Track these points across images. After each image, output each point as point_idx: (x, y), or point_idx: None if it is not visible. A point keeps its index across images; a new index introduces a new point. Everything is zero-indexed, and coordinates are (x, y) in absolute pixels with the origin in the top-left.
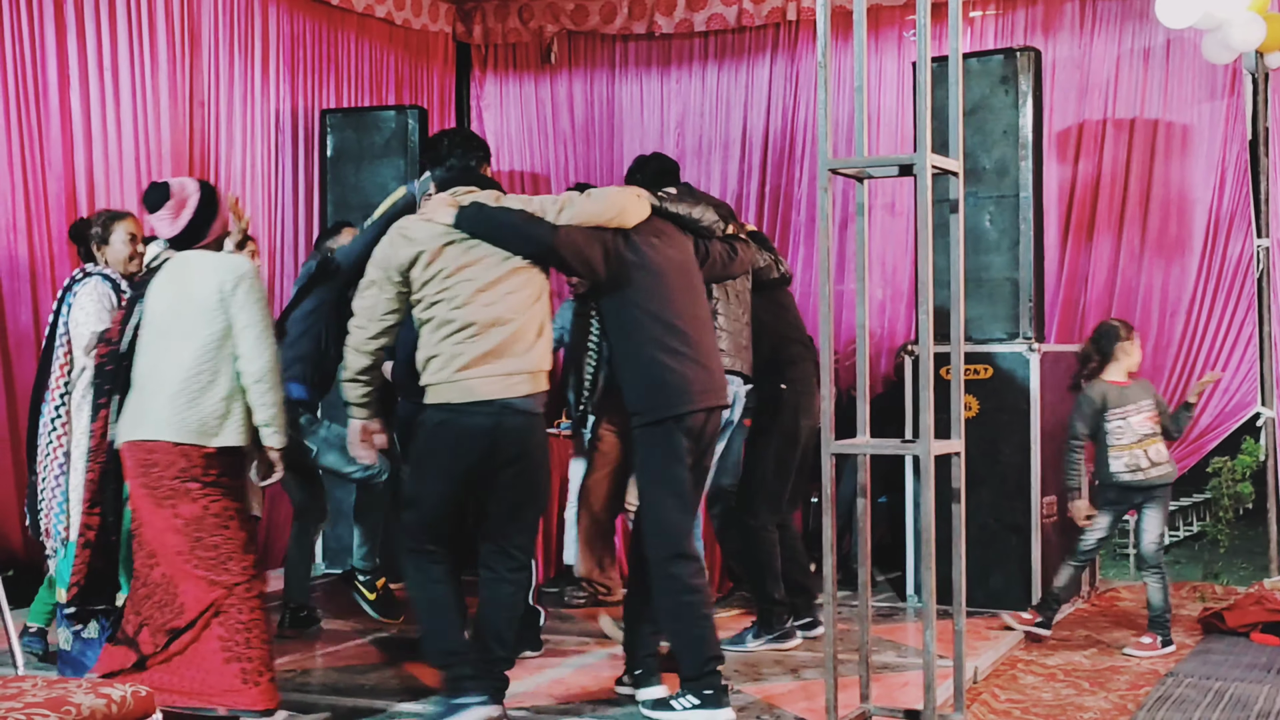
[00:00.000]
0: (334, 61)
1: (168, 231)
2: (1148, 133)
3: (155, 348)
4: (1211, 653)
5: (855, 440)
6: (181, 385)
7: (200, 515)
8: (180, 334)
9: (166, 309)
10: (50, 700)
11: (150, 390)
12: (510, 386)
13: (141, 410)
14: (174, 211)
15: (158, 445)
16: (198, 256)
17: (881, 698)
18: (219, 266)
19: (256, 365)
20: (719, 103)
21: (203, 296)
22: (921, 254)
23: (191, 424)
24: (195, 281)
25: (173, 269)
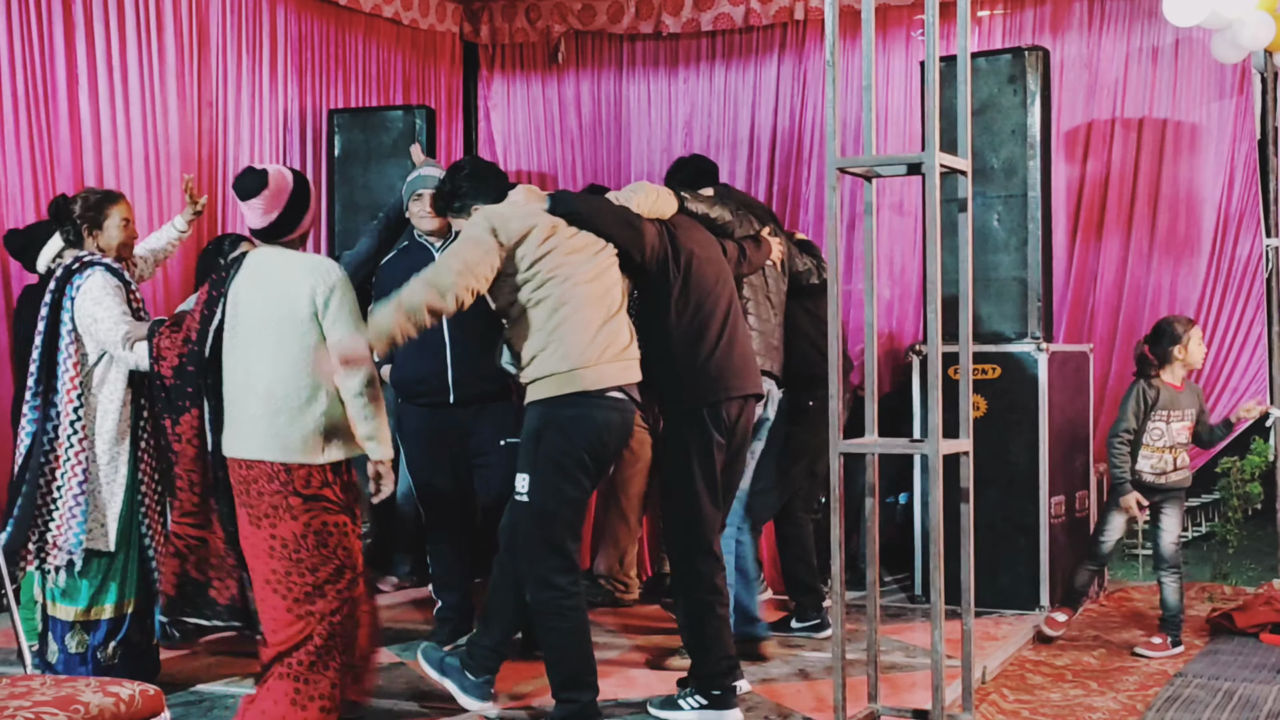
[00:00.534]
0: (342, 62)
1: (258, 223)
2: (1156, 132)
3: (246, 357)
4: (1220, 653)
5: (863, 440)
6: (282, 402)
7: (302, 533)
8: (273, 344)
9: (256, 314)
10: (59, 699)
11: (246, 405)
12: (629, 372)
13: (238, 426)
14: (269, 203)
15: (259, 465)
16: (285, 257)
17: (889, 698)
18: (311, 271)
19: (357, 380)
20: (726, 102)
21: (296, 305)
22: (930, 253)
23: (295, 443)
24: (286, 286)
25: (258, 268)
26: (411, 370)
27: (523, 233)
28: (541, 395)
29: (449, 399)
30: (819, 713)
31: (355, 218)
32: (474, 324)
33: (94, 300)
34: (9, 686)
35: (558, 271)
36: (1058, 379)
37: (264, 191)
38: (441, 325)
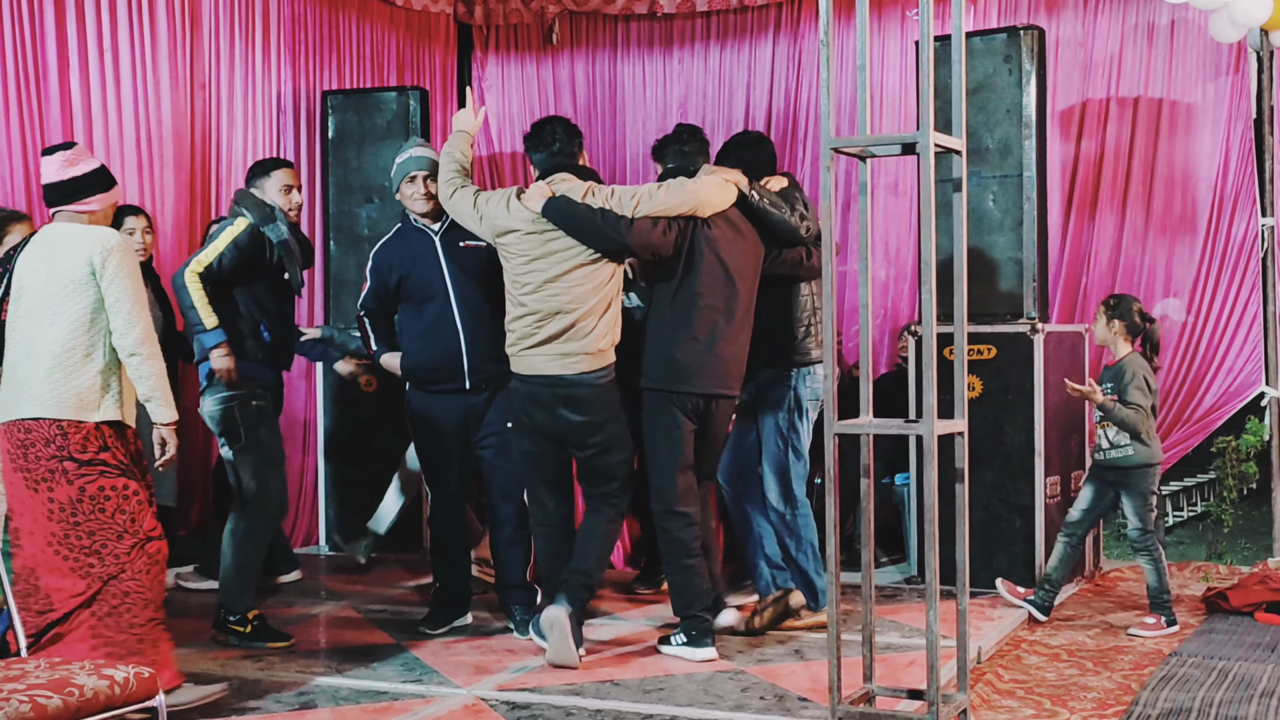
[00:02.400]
0: (335, 43)
1: (51, 176)
2: (1152, 111)
3: (29, 323)
4: (1215, 632)
5: (858, 420)
6: (58, 360)
7: (76, 497)
8: (54, 307)
9: (39, 282)
10: (53, 682)
11: (25, 368)
12: (568, 365)
13: (15, 390)
14: (70, 160)
15: (36, 426)
16: (68, 228)
17: (885, 678)
18: (89, 239)
19: (130, 339)
20: (721, 83)
21: (72, 270)
22: (925, 233)
23: (70, 399)
24: (65, 254)
25: (41, 241)
26: (425, 358)
27: (506, 229)
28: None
29: (464, 385)
30: (814, 693)
31: (349, 199)
32: (484, 309)
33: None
34: (4, 669)
35: (519, 279)
36: (1053, 359)
37: (68, 151)
38: (453, 312)
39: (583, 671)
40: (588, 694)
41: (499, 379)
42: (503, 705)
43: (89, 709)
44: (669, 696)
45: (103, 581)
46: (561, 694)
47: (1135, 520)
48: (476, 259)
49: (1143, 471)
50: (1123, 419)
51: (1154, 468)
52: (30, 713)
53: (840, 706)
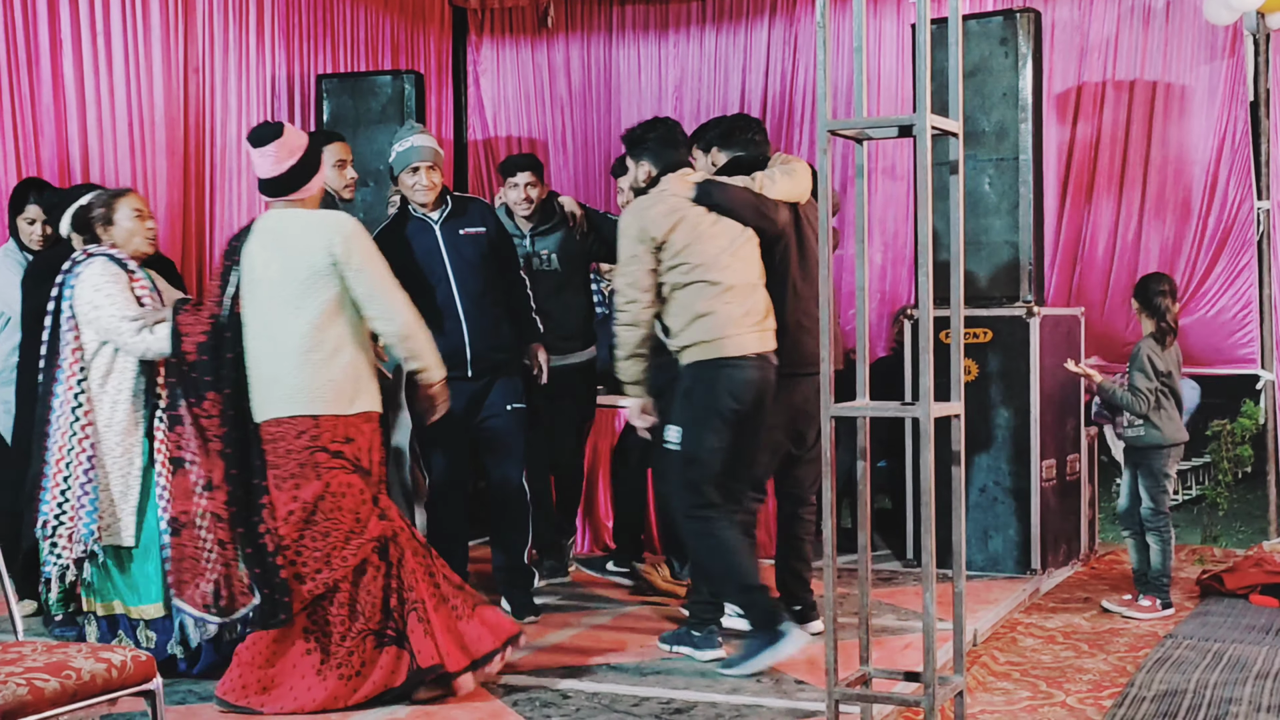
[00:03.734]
0: (329, 26)
1: (269, 171)
2: (1148, 94)
3: (267, 318)
4: (1210, 615)
5: (855, 403)
6: (306, 355)
7: (319, 493)
8: (294, 301)
9: (273, 274)
10: (51, 665)
11: (272, 365)
12: (765, 341)
13: (267, 388)
14: (281, 152)
15: (288, 422)
16: (295, 214)
17: (881, 660)
18: (324, 228)
19: (396, 325)
20: (717, 66)
21: (311, 261)
22: (921, 216)
23: (324, 393)
24: (299, 245)
25: (268, 230)
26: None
27: (670, 227)
28: (690, 358)
29: (466, 373)
30: (811, 675)
31: None
32: (485, 297)
33: (93, 288)
34: (0, 653)
35: (701, 260)
36: (1049, 342)
37: (277, 140)
38: (455, 301)
39: (580, 655)
40: (584, 677)
41: (500, 366)
42: (499, 688)
43: (86, 692)
44: (666, 680)
45: (326, 588)
46: (558, 677)
47: (1147, 499)
48: (477, 246)
49: (1155, 451)
50: (1118, 401)
51: (1166, 449)
52: (28, 695)
53: (837, 689)
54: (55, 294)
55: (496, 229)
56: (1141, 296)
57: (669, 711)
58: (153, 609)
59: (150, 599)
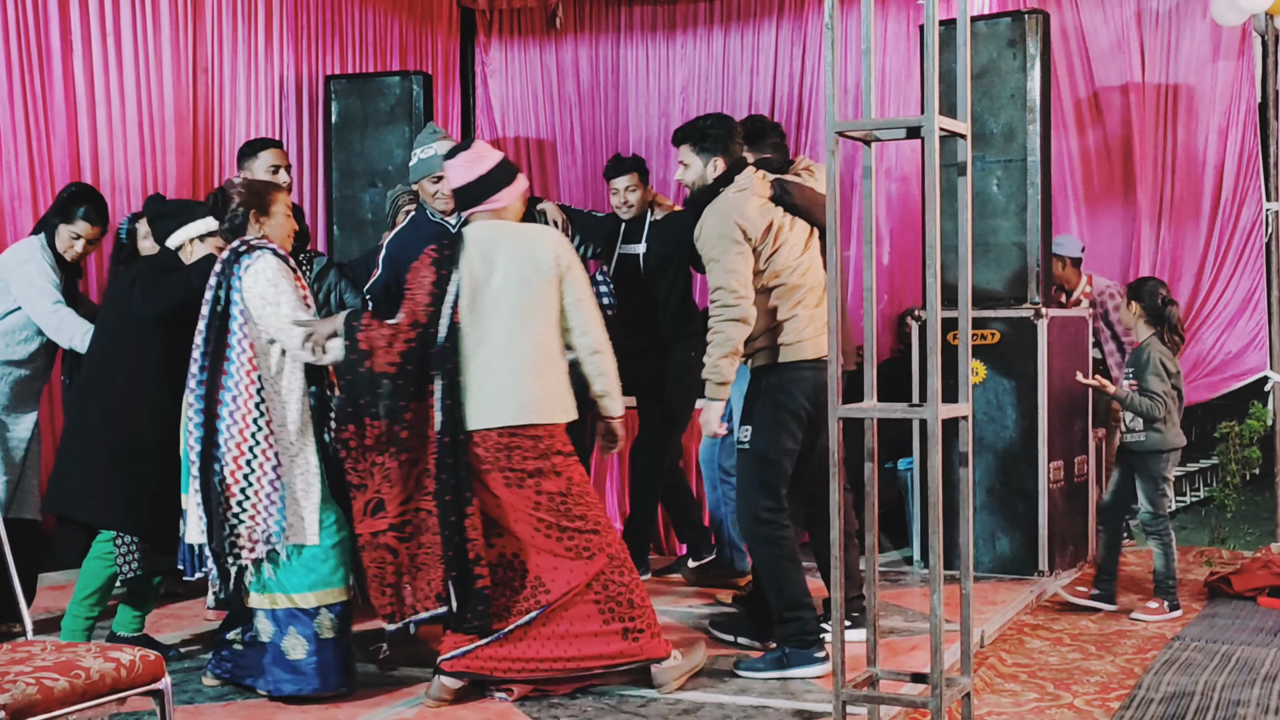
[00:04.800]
0: (338, 27)
1: (461, 179)
2: (1156, 96)
3: (493, 327)
4: (1218, 617)
5: (862, 404)
6: (542, 365)
7: (565, 489)
8: (524, 310)
9: (498, 284)
10: (60, 664)
11: (500, 374)
12: (825, 344)
13: (491, 395)
14: (472, 161)
15: (523, 430)
16: (511, 226)
17: (888, 661)
18: (548, 238)
19: (593, 336)
20: (725, 67)
21: (541, 269)
22: (929, 217)
23: (558, 402)
24: (529, 252)
25: (487, 240)
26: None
27: (766, 226)
28: (769, 361)
29: None
30: (818, 677)
31: (352, 184)
32: None
33: (269, 281)
34: (9, 652)
35: (786, 263)
36: (1057, 344)
37: (467, 151)
38: None
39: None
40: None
41: None
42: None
43: (95, 691)
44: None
45: (609, 558)
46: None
47: (1146, 504)
48: None
49: (1156, 456)
50: (1138, 407)
51: (1167, 453)
52: (37, 694)
53: (844, 690)
54: (215, 285)
55: None
56: (1148, 302)
57: (676, 712)
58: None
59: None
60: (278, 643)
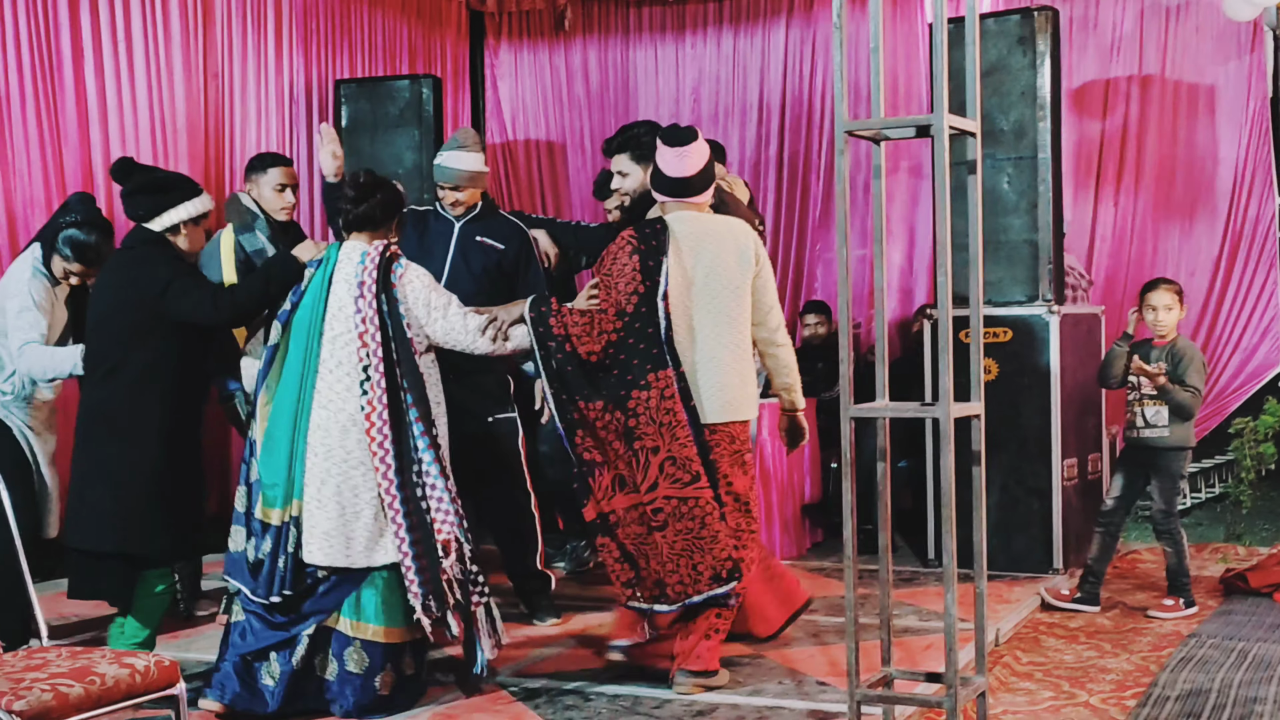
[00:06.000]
0: (347, 32)
1: (682, 171)
2: (1168, 92)
3: (701, 319)
4: (1234, 613)
5: (875, 404)
6: (747, 361)
7: (749, 487)
8: (730, 305)
9: (704, 274)
10: (75, 670)
11: (712, 369)
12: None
13: (708, 390)
14: (697, 155)
15: (730, 425)
16: (712, 218)
17: (903, 661)
18: (741, 232)
19: (780, 332)
20: (735, 68)
21: (745, 263)
22: (940, 216)
23: (753, 399)
24: (734, 246)
25: (691, 232)
26: None
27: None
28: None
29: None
30: (833, 676)
31: None
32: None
33: (429, 286)
34: (25, 658)
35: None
36: (1069, 341)
37: (695, 143)
38: None
39: (601, 656)
40: (604, 679)
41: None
42: (520, 690)
43: (110, 697)
44: None
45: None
46: (579, 680)
47: (1161, 502)
48: (487, 257)
49: (1176, 454)
50: (1180, 402)
51: (1187, 451)
52: (52, 701)
53: (858, 690)
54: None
55: (519, 252)
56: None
57: (691, 713)
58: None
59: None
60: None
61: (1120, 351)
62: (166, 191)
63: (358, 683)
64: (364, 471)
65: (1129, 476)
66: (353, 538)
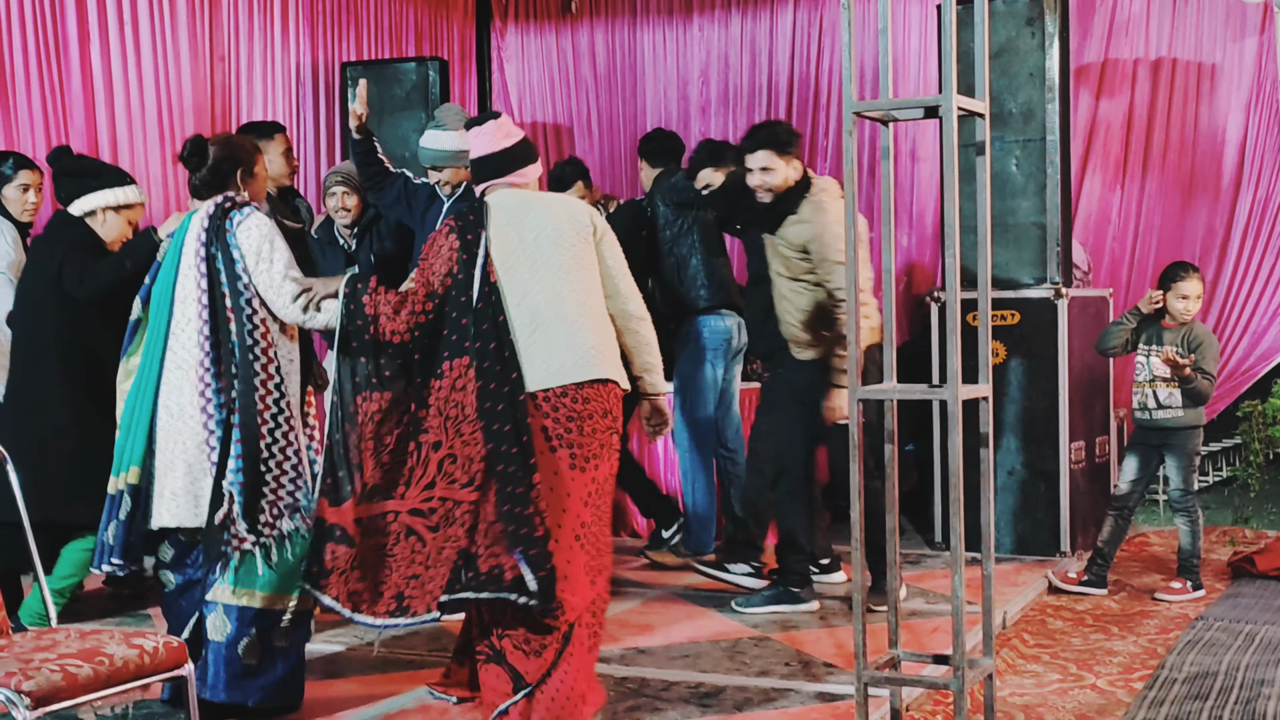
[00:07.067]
0: (354, 14)
1: (487, 148)
2: (1177, 73)
3: (535, 286)
4: (1241, 596)
5: (882, 385)
6: (599, 320)
7: (608, 475)
8: (571, 266)
9: (541, 243)
10: (84, 650)
11: (557, 331)
12: None
13: (552, 353)
14: (499, 132)
15: (595, 389)
16: (539, 194)
17: (910, 643)
18: (578, 206)
19: (634, 304)
20: (743, 49)
21: (582, 229)
22: (948, 198)
23: (616, 361)
24: (568, 213)
25: (515, 206)
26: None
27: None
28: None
29: None
30: (839, 658)
31: None
32: None
33: (263, 236)
34: (35, 639)
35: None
36: (1077, 324)
37: (495, 121)
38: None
39: (607, 639)
40: (613, 661)
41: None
42: None
43: (119, 677)
44: (694, 663)
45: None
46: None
47: (1178, 481)
48: None
49: (1190, 432)
50: (1200, 390)
51: (1200, 429)
52: (61, 681)
53: (866, 671)
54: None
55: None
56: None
57: (698, 695)
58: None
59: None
60: (235, 644)
61: (1127, 325)
62: (86, 177)
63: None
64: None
65: (1143, 459)
66: (200, 496)
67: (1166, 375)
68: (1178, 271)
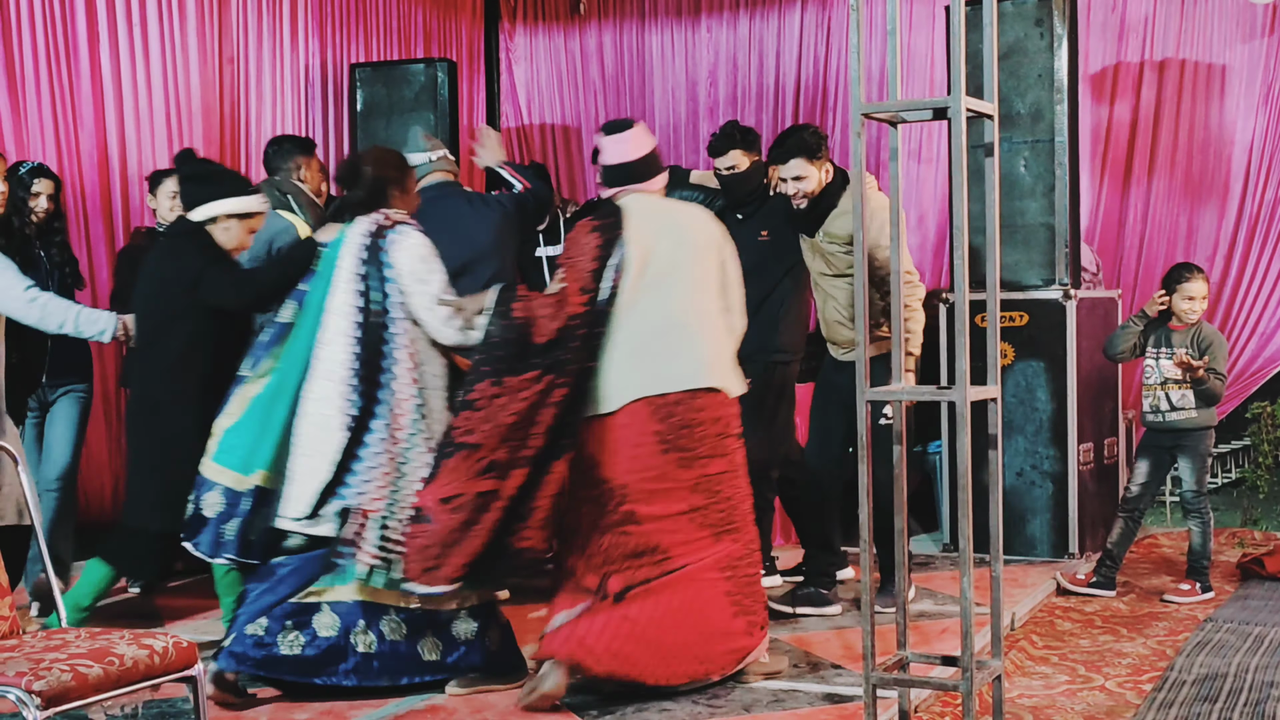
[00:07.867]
0: (362, 15)
1: (624, 156)
2: (1185, 74)
3: (666, 294)
4: (1250, 598)
5: (891, 387)
6: (724, 331)
7: (725, 469)
8: (701, 277)
9: (671, 252)
10: (94, 651)
11: (677, 335)
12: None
13: (672, 357)
14: (639, 140)
15: (711, 397)
16: (671, 202)
17: (919, 645)
18: (709, 216)
19: (741, 320)
20: (751, 50)
21: (708, 243)
22: (956, 199)
23: (732, 368)
24: (699, 224)
25: (652, 213)
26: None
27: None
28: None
29: None
30: (847, 660)
31: None
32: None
33: (420, 257)
34: (45, 639)
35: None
36: (1086, 325)
37: (634, 129)
38: None
39: None
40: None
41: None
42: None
43: (129, 678)
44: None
45: (746, 549)
46: None
47: (1191, 482)
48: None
49: (1202, 433)
50: (1212, 391)
51: (1212, 430)
52: (71, 681)
53: (874, 673)
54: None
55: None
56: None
57: (706, 698)
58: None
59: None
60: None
61: (1134, 329)
62: (208, 184)
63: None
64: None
65: (1154, 462)
66: (329, 505)
67: (1178, 377)
68: (1182, 273)
